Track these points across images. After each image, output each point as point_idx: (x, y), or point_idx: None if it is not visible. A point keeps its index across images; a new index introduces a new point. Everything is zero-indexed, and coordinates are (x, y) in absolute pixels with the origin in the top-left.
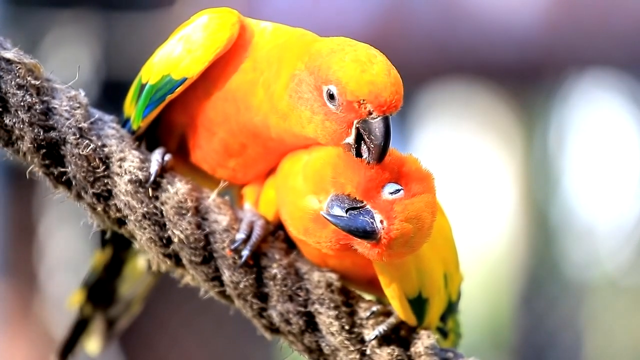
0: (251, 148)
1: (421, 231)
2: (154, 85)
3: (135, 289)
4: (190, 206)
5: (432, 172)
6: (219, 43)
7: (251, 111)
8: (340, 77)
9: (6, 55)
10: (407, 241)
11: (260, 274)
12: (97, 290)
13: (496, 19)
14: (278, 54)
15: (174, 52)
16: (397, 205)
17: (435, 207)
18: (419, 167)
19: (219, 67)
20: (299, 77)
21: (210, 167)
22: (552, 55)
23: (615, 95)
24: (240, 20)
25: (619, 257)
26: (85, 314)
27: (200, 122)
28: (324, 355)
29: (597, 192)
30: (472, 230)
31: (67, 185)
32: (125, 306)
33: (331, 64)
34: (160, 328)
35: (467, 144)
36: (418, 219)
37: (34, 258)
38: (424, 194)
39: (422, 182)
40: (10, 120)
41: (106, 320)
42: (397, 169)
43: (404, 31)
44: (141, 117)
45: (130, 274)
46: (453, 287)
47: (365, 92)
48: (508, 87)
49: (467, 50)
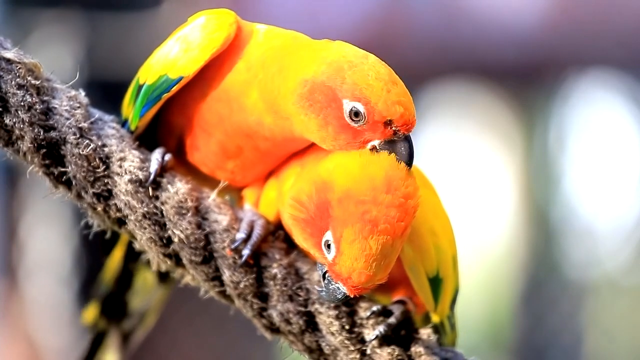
0: (247, 150)
1: (384, 250)
2: (151, 85)
3: (148, 301)
4: (191, 206)
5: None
6: (216, 43)
7: (245, 111)
8: (368, 96)
9: (6, 55)
10: (375, 274)
11: (261, 273)
12: (109, 304)
13: (496, 19)
14: (275, 55)
15: (171, 52)
16: (337, 266)
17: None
18: (328, 197)
19: (215, 68)
20: (311, 84)
21: (208, 168)
22: (552, 55)
23: (615, 95)
24: (237, 21)
25: (619, 257)
26: (100, 328)
27: (197, 123)
28: (325, 355)
29: (597, 192)
30: (472, 230)
31: (67, 185)
32: (139, 319)
33: (356, 81)
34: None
35: (467, 144)
36: (367, 256)
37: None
38: (351, 226)
39: (344, 213)
40: (10, 120)
41: (121, 333)
42: (322, 214)
43: (404, 31)
44: (138, 116)
45: (141, 287)
46: (457, 272)
47: (392, 111)
48: (508, 87)
49: (467, 50)
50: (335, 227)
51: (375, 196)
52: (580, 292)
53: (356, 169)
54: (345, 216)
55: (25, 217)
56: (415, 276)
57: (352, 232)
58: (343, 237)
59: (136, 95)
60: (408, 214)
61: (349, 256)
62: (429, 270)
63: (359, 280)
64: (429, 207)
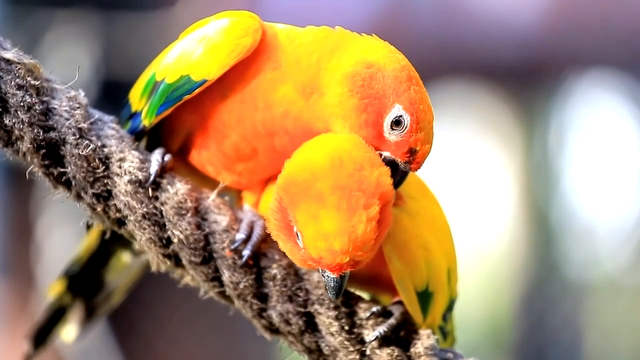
0: (262, 152)
1: (343, 225)
2: (171, 85)
3: (120, 279)
4: (190, 206)
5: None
6: (242, 49)
7: (271, 107)
8: (419, 118)
9: (6, 55)
10: (346, 250)
11: (260, 274)
12: (78, 281)
13: (496, 19)
14: (311, 49)
15: (194, 53)
16: (306, 251)
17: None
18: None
19: (238, 70)
20: (377, 70)
21: (215, 169)
22: (552, 55)
23: (615, 95)
24: (262, 26)
25: (619, 257)
26: (63, 302)
27: (212, 124)
28: (324, 356)
29: (597, 192)
30: (472, 230)
31: (66, 185)
32: (105, 296)
33: (418, 101)
34: (160, 328)
35: (467, 144)
36: (325, 234)
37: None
38: (299, 207)
39: (291, 198)
40: (10, 121)
41: (85, 308)
42: (283, 213)
43: (404, 31)
44: (154, 114)
45: (115, 265)
46: (454, 283)
47: (422, 147)
48: (508, 87)
49: (467, 50)
50: (291, 214)
51: (316, 172)
52: (580, 292)
53: (298, 158)
54: (293, 200)
55: (41, 218)
56: (403, 289)
57: (302, 213)
58: (298, 221)
59: (151, 90)
60: (364, 183)
61: (309, 237)
62: (417, 285)
63: (332, 260)
64: (423, 221)
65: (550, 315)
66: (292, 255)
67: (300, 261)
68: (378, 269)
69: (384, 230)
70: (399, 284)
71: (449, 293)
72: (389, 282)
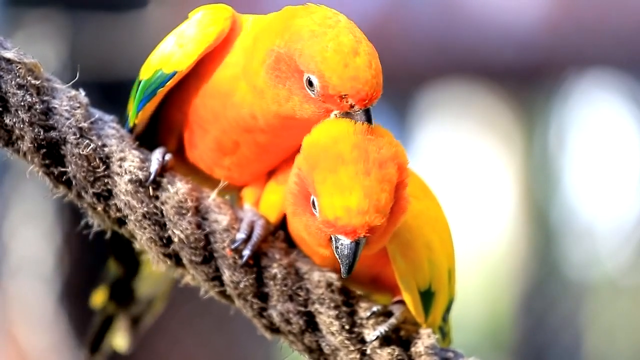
0: (244, 145)
1: (362, 181)
2: (147, 80)
3: (156, 289)
4: (191, 206)
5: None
6: (209, 37)
7: (236, 107)
8: (323, 70)
9: (6, 55)
10: (362, 209)
11: (261, 273)
12: (118, 290)
13: (496, 19)
14: (256, 35)
15: (167, 47)
16: (322, 213)
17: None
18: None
19: (208, 63)
20: (276, 54)
21: (207, 166)
22: (552, 56)
23: (615, 95)
24: (233, 16)
25: (619, 257)
26: (109, 311)
27: (193, 120)
28: (324, 355)
29: (597, 192)
30: (472, 230)
31: (67, 185)
32: (147, 305)
33: (313, 53)
34: (160, 328)
35: (467, 144)
36: (343, 188)
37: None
38: (318, 167)
39: (309, 162)
40: (10, 120)
41: (130, 318)
42: (302, 185)
43: (404, 31)
44: (136, 112)
45: (148, 275)
46: (453, 284)
47: (348, 87)
48: (508, 87)
49: (467, 50)
50: (310, 178)
51: (337, 136)
52: (580, 292)
53: (317, 131)
54: (312, 162)
55: (8, 217)
56: (407, 289)
57: (321, 170)
58: (315, 181)
59: (136, 91)
60: (383, 149)
61: (326, 194)
62: (420, 284)
63: (348, 219)
64: (426, 220)
65: (550, 315)
66: (308, 231)
67: (315, 234)
68: (379, 269)
69: (398, 213)
70: (402, 283)
71: (448, 293)
72: (389, 282)
